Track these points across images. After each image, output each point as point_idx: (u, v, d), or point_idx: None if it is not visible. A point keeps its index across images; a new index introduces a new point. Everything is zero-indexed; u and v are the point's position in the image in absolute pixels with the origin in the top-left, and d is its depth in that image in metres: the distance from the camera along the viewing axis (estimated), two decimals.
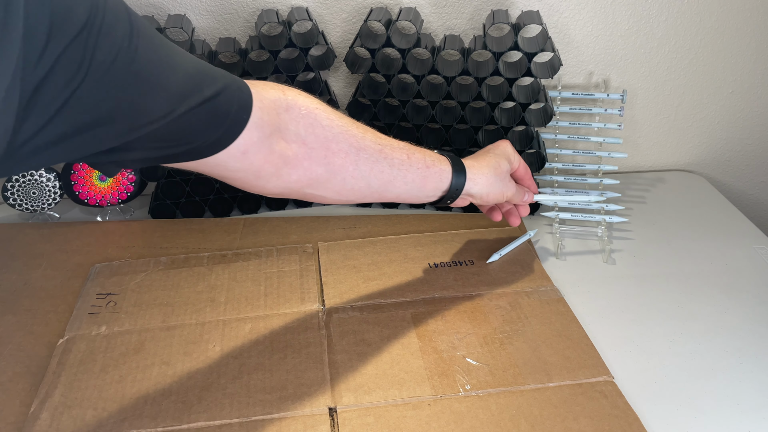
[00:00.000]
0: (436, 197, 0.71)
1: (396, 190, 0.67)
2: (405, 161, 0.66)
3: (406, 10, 0.89)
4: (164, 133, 0.48)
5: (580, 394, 0.64)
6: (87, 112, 0.42)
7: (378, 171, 0.64)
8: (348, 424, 0.61)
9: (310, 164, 0.60)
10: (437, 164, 0.69)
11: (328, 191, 0.63)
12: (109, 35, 0.41)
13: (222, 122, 0.52)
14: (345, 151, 0.61)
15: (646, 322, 0.75)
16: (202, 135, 0.51)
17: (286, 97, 0.58)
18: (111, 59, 0.42)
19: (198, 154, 0.53)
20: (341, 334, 0.71)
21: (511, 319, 0.73)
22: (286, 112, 0.58)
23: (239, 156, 0.55)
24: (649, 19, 0.96)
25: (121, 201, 0.94)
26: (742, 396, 0.65)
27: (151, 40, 0.45)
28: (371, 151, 0.64)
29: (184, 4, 0.90)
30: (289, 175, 0.59)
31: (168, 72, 0.47)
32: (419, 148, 0.69)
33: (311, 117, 0.59)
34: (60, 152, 0.43)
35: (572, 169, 1.02)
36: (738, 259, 0.86)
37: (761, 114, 1.08)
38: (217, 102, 0.51)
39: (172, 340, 0.70)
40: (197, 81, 0.49)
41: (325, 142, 0.60)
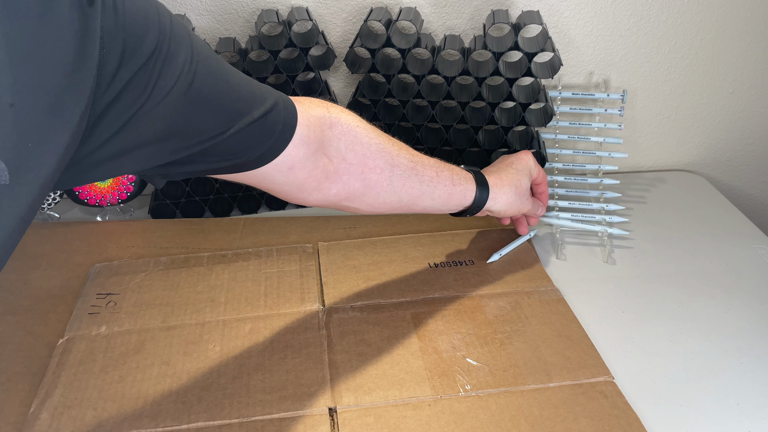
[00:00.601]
0: (458, 210, 0.75)
1: (423, 204, 0.70)
2: (434, 178, 0.69)
3: (406, 10, 0.89)
4: (213, 151, 0.51)
5: (580, 394, 0.64)
6: (145, 131, 0.44)
7: (409, 187, 0.67)
8: (348, 424, 0.61)
9: (349, 179, 0.63)
10: (463, 183, 0.72)
11: (363, 204, 0.67)
12: (173, 62, 0.44)
13: (267, 139, 0.54)
14: (381, 168, 0.65)
15: (646, 322, 0.75)
16: (248, 152, 0.54)
17: (330, 114, 0.61)
18: (172, 84, 0.44)
19: (244, 168, 0.56)
20: (341, 334, 0.71)
21: (511, 319, 0.73)
22: (330, 129, 0.61)
23: (286, 171, 0.58)
24: (649, 19, 0.96)
25: (121, 201, 0.94)
26: (742, 396, 0.65)
27: (208, 64, 0.48)
28: (404, 168, 0.67)
29: (184, 4, 0.90)
30: (329, 189, 0.63)
31: (222, 95, 0.49)
32: (447, 165, 0.72)
33: (352, 134, 0.62)
34: (118, 166, 0.45)
35: (572, 169, 1.02)
36: (738, 259, 0.86)
37: (761, 114, 1.08)
38: (266, 120, 0.53)
39: (172, 340, 0.70)
40: (248, 102, 0.52)
41: (363, 159, 0.63)
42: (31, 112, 0.35)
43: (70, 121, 0.38)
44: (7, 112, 0.34)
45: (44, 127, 0.36)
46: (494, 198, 0.75)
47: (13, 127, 0.34)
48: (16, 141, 0.34)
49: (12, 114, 0.34)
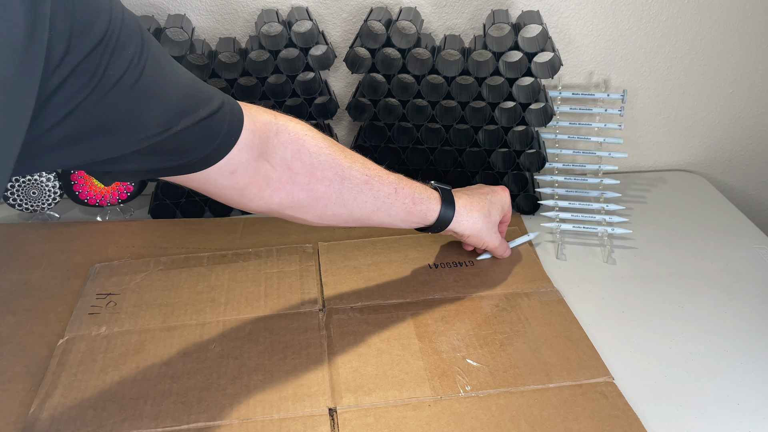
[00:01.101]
0: (419, 227, 0.74)
1: (378, 219, 0.69)
2: (391, 195, 0.68)
3: (406, 10, 0.89)
4: (159, 148, 0.51)
5: (580, 394, 0.64)
6: (90, 121, 0.44)
7: (361, 201, 0.66)
8: (348, 424, 0.61)
9: (293, 189, 0.62)
10: (425, 202, 0.71)
11: (309, 215, 0.65)
12: (122, 52, 0.44)
13: (213, 140, 0.54)
14: (329, 179, 0.63)
15: (646, 322, 0.75)
16: (193, 152, 0.53)
17: (277, 121, 0.61)
18: (120, 74, 0.44)
19: (187, 170, 0.55)
20: (341, 334, 0.71)
21: (511, 320, 0.73)
22: (275, 136, 0.60)
23: (228, 175, 0.57)
24: (649, 19, 0.96)
25: (121, 201, 0.94)
26: (742, 396, 0.65)
27: (157, 59, 0.48)
28: (356, 182, 0.65)
29: (184, 4, 0.90)
30: (271, 197, 0.62)
31: (169, 91, 0.49)
32: (410, 182, 0.71)
33: (299, 143, 0.61)
34: (61, 157, 0.45)
35: (572, 169, 1.02)
36: (738, 259, 0.86)
37: (761, 114, 1.08)
38: (212, 121, 0.53)
39: (172, 340, 0.70)
40: (196, 101, 0.52)
41: (310, 169, 0.62)
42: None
43: (20, 103, 0.38)
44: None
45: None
46: (459, 221, 0.74)
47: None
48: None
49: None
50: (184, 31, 0.85)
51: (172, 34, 0.89)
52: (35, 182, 0.91)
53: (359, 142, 0.94)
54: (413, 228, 0.75)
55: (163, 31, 0.86)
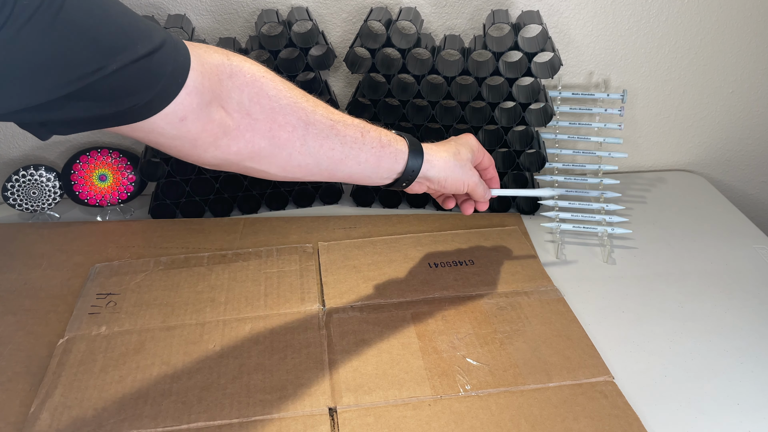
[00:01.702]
0: (391, 179, 0.67)
1: (347, 169, 0.63)
2: (359, 139, 0.62)
3: (406, 10, 0.89)
4: (93, 92, 0.45)
5: (580, 394, 0.64)
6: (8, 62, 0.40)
7: (328, 148, 0.61)
8: (348, 424, 0.61)
9: (253, 136, 0.56)
10: (393, 144, 0.66)
11: (272, 166, 0.60)
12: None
13: (155, 83, 0.48)
14: (292, 125, 0.58)
15: (646, 322, 0.75)
16: (134, 96, 0.48)
17: (231, 62, 0.55)
18: (36, 4, 0.39)
19: (130, 118, 0.49)
20: (341, 334, 0.71)
21: (511, 319, 0.73)
22: (229, 78, 0.54)
23: (177, 123, 0.51)
24: (649, 19, 0.96)
25: (121, 201, 0.94)
26: (742, 396, 0.65)
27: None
28: (322, 127, 0.60)
29: (184, 4, 0.90)
30: (228, 146, 0.56)
31: (99, 24, 0.44)
32: (375, 126, 0.65)
33: (257, 86, 0.56)
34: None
35: (572, 169, 1.02)
36: (738, 259, 0.86)
37: (761, 114, 1.08)
38: (152, 61, 0.47)
39: (172, 340, 0.70)
40: (132, 36, 0.46)
41: (271, 114, 0.57)
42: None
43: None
44: None
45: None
46: (430, 161, 0.68)
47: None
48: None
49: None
50: (184, 31, 0.85)
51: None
52: (35, 182, 0.91)
53: None
54: (383, 182, 0.68)
55: None
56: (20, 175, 0.91)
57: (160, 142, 0.53)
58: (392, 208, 0.97)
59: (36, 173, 0.91)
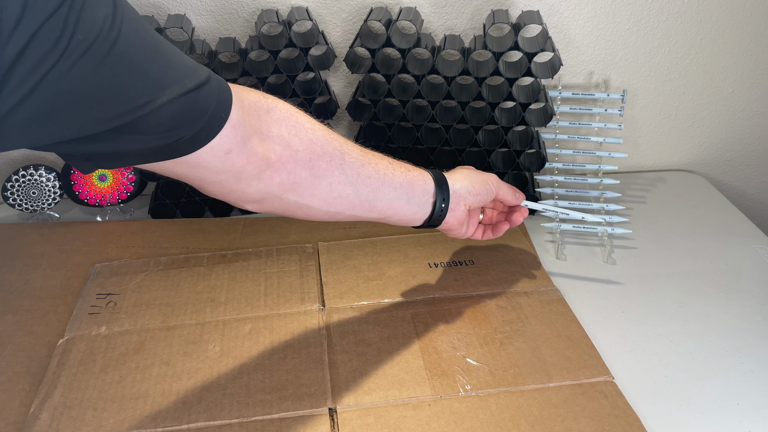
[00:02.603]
0: (429, 204, 0.68)
1: (386, 197, 0.65)
2: (388, 166, 0.65)
3: (406, 10, 0.89)
4: (141, 126, 0.46)
5: (580, 394, 0.64)
6: (61, 95, 0.40)
7: (365, 176, 0.63)
8: (348, 424, 0.61)
9: (294, 167, 0.58)
10: (416, 169, 0.69)
11: (314, 198, 0.61)
12: (91, 14, 0.40)
13: (202, 116, 0.50)
14: (330, 155, 0.60)
15: (646, 322, 0.75)
16: (181, 129, 0.49)
17: (266, 99, 0.58)
18: (91, 39, 0.40)
19: (176, 152, 0.50)
20: (341, 334, 0.71)
21: (511, 319, 0.73)
22: (267, 113, 0.57)
23: (222, 156, 0.52)
24: (649, 19, 0.96)
25: (121, 201, 0.94)
26: (742, 396, 0.65)
27: (134, 24, 0.44)
28: (356, 155, 0.62)
29: (184, 4, 0.90)
30: (271, 178, 0.57)
31: (150, 59, 0.45)
32: (395, 159, 0.68)
33: (293, 119, 0.58)
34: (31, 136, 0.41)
35: (572, 169, 1.02)
36: (738, 259, 0.86)
37: (761, 114, 1.08)
38: (199, 95, 0.49)
39: (172, 340, 0.70)
40: (179, 71, 0.48)
41: (309, 145, 0.59)
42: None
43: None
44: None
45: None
46: (450, 176, 0.70)
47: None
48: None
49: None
50: (184, 31, 0.85)
51: (172, 34, 0.89)
52: (35, 182, 0.91)
53: (359, 141, 0.94)
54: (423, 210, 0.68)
55: (163, 31, 0.86)
56: (20, 175, 0.91)
57: (205, 177, 0.55)
58: None
59: (36, 173, 0.91)
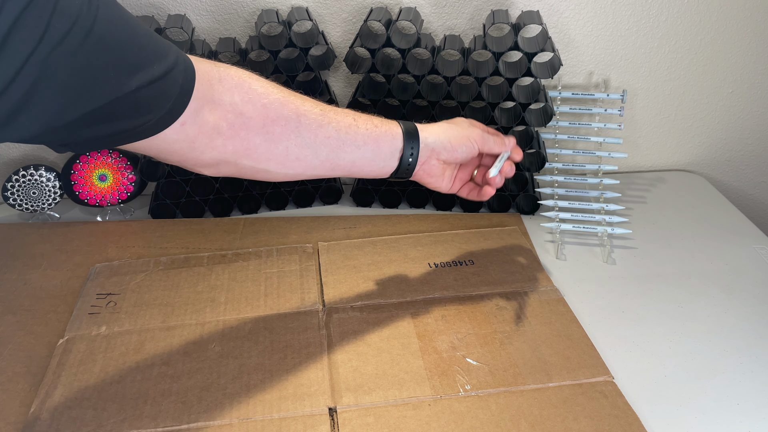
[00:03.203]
0: (396, 159, 0.66)
1: (348, 156, 0.63)
2: (352, 124, 0.63)
3: (406, 10, 0.89)
4: (113, 111, 0.47)
5: (580, 394, 0.64)
6: (42, 80, 0.41)
7: (324, 137, 0.61)
8: (348, 424, 0.61)
9: (248, 134, 0.58)
10: (386, 124, 0.66)
11: (271, 163, 0.61)
12: (67, 2, 0.40)
13: (169, 100, 0.51)
14: (285, 118, 0.59)
15: (646, 322, 0.75)
16: (148, 114, 0.50)
17: (218, 68, 0.57)
18: (67, 28, 0.41)
19: (145, 134, 0.52)
20: (341, 334, 0.71)
21: (511, 319, 0.73)
22: (219, 82, 0.57)
23: (178, 128, 0.53)
24: (649, 19, 0.96)
25: (121, 201, 0.94)
26: (742, 396, 0.65)
27: (109, 11, 0.44)
28: (313, 116, 0.61)
29: (184, 4, 0.90)
30: (224, 145, 0.58)
31: (123, 45, 0.46)
32: (364, 113, 0.66)
33: (245, 86, 0.58)
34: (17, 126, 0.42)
35: (572, 169, 1.02)
36: (738, 259, 0.86)
37: (761, 114, 1.08)
38: (167, 80, 0.50)
39: (172, 340, 0.70)
40: (150, 55, 0.48)
41: (263, 110, 0.58)
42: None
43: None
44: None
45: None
46: (425, 130, 0.67)
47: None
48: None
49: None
50: (184, 31, 0.85)
51: (172, 34, 0.89)
52: (35, 182, 0.91)
53: None
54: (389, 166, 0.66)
55: (163, 31, 0.86)
56: (20, 175, 0.91)
57: (162, 148, 0.55)
58: (392, 208, 0.97)
59: (36, 173, 0.91)
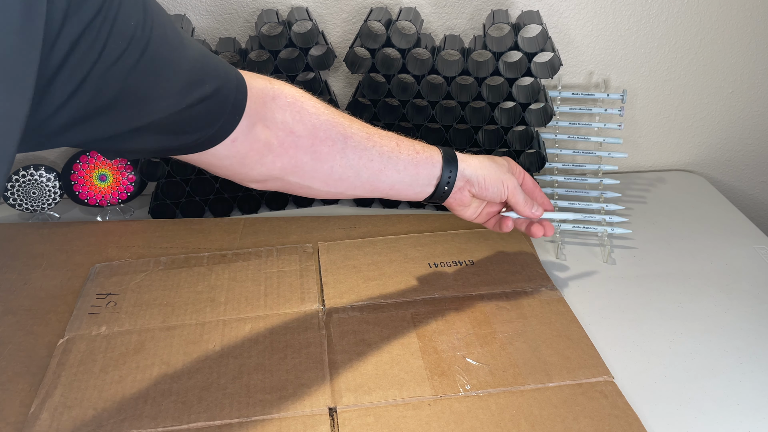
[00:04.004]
0: (432, 186, 0.68)
1: (387, 179, 0.65)
2: (395, 149, 0.65)
3: (406, 10, 0.89)
4: (166, 126, 0.49)
5: (580, 394, 0.64)
6: (95, 99, 0.42)
7: (367, 159, 0.63)
8: (348, 424, 0.61)
9: (296, 152, 0.60)
10: (427, 150, 0.68)
11: (315, 180, 0.63)
12: (124, 23, 0.42)
13: (219, 119, 0.53)
14: (332, 139, 0.61)
15: (646, 322, 0.75)
16: (200, 131, 0.52)
17: (273, 86, 0.59)
18: (124, 47, 0.42)
19: (194, 149, 0.54)
20: (341, 334, 0.71)
21: (511, 319, 0.73)
22: (272, 100, 0.58)
23: (228, 144, 0.55)
24: (649, 19, 0.96)
25: (121, 201, 0.94)
26: (742, 396, 0.65)
27: (163, 30, 0.46)
28: (359, 139, 0.63)
29: (184, 4, 0.90)
30: (273, 162, 0.60)
31: (175, 66, 0.47)
32: (407, 138, 0.68)
33: (298, 105, 0.60)
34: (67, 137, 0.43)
35: (572, 169, 1.02)
36: (738, 259, 0.86)
37: (761, 114, 1.08)
38: (217, 98, 0.52)
39: (172, 340, 0.70)
40: (200, 76, 0.50)
41: (312, 130, 0.60)
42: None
43: (22, 86, 0.36)
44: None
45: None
46: (464, 160, 0.69)
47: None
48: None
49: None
50: (184, 31, 0.85)
51: None
52: (35, 182, 0.91)
53: None
54: (425, 191, 0.68)
55: None
56: (20, 175, 0.91)
57: (212, 163, 0.58)
58: (392, 208, 0.97)
59: (36, 173, 0.91)
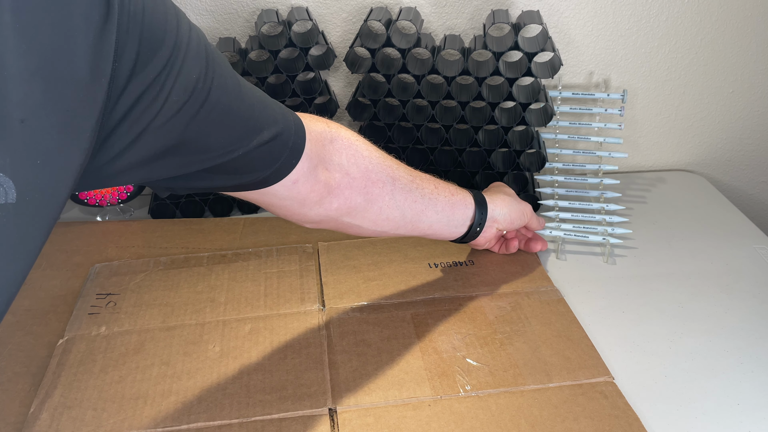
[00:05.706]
0: (466, 226, 0.75)
1: (428, 219, 0.70)
2: (434, 191, 0.70)
3: (406, 9, 0.89)
4: (222, 168, 0.51)
5: (580, 394, 0.64)
6: (156, 145, 0.44)
7: (411, 200, 0.68)
8: (348, 424, 0.61)
9: (351, 193, 0.63)
10: (461, 193, 0.74)
11: (365, 220, 0.67)
12: (186, 77, 0.43)
13: (276, 161, 0.55)
14: (383, 181, 0.65)
15: (646, 322, 0.75)
16: (256, 173, 0.54)
17: (330, 129, 0.62)
18: (185, 99, 0.43)
19: (249, 188, 0.56)
20: (341, 334, 0.71)
21: (511, 320, 0.73)
22: (330, 143, 0.61)
23: (289, 185, 0.57)
24: (649, 19, 0.96)
25: (121, 201, 0.94)
26: (742, 396, 0.65)
27: (223, 81, 0.47)
28: (405, 181, 0.67)
29: (184, 4, 0.90)
30: (330, 203, 0.62)
31: (234, 114, 0.49)
32: (442, 180, 0.73)
33: (353, 148, 0.63)
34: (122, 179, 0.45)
35: (572, 169, 1.02)
36: (738, 259, 0.86)
37: (761, 114, 1.08)
38: (274, 144, 0.53)
39: (172, 340, 0.70)
40: (259, 124, 0.52)
41: (365, 172, 0.64)
42: (43, 128, 0.34)
43: (81, 138, 0.37)
44: (17, 128, 0.33)
45: (55, 144, 0.35)
46: (493, 201, 0.76)
47: (24, 144, 0.33)
48: (26, 158, 0.34)
49: (22, 130, 0.33)
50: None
51: None
52: None
53: None
54: (459, 230, 0.75)
55: None
56: None
57: (272, 202, 0.60)
58: None
59: None
